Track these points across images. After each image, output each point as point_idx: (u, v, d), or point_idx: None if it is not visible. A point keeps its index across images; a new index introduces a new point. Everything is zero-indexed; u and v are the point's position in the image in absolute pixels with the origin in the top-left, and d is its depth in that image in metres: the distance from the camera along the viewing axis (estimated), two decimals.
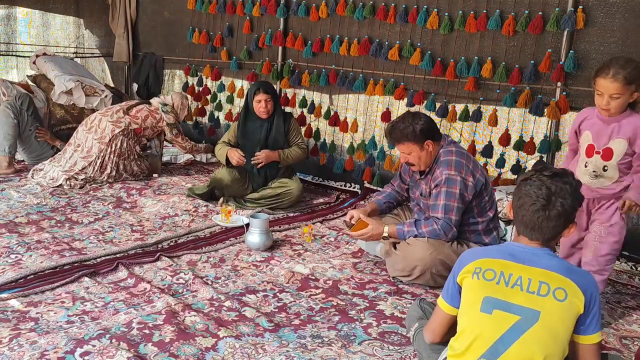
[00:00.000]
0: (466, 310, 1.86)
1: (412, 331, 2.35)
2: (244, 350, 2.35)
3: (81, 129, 4.73)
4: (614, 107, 2.56)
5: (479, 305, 1.80)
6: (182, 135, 5.02)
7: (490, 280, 1.80)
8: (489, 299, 1.78)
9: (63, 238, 3.47)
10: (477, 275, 1.83)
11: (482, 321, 1.78)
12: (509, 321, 1.75)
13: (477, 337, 1.78)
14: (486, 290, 1.80)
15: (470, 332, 1.80)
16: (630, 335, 2.73)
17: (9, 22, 6.54)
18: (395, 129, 3.07)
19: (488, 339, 1.76)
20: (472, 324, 1.81)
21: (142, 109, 4.86)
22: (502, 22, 3.99)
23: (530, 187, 1.84)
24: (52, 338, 2.33)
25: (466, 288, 1.87)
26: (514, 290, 1.76)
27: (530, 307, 1.74)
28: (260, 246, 3.47)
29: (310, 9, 4.99)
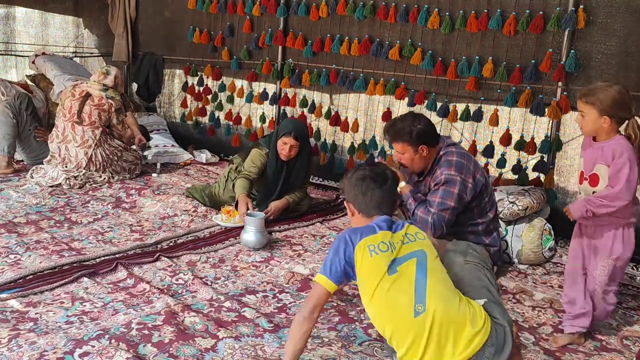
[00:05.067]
0: (377, 294, 2.05)
1: None
2: (244, 351, 2.33)
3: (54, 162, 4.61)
4: (582, 126, 2.54)
5: (386, 277, 2.05)
6: (123, 122, 4.78)
7: (385, 251, 2.07)
8: (390, 265, 2.05)
9: (62, 238, 3.46)
10: (374, 252, 2.07)
11: (397, 283, 2.04)
12: (412, 266, 2.07)
13: (397, 327, 2.03)
14: (386, 260, 2.05)
15: (391, 322, 2.04)
16: (631, 336, 2.72)
17: (8, 21, 6.52)
18: (393, 127, 3.07)
19: (409, 288, 2.03)
20: (388, 313, 2.05)
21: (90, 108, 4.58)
22: (503, 22, 3.98)
23: (362, 177, 2.23)
24: (51, 338, 2.32)
25: (369, 264, 2.06)
26: (400, 248, 2.09)
27: (416, 249, 2.10)
28: (255, 244, 3.47)
29: (310, 9, 4.97)
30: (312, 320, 2.11)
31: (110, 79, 4.81)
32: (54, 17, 6.79)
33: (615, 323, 2.84)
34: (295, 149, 3.94)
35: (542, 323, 2.79)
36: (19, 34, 6.61)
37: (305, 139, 4.03)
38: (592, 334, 2.71)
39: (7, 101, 4.82)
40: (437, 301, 2.00)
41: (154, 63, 6.50)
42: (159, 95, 6.64)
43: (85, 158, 4.56)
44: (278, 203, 3.99)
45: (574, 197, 3.99)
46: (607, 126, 2.46)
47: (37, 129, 4.93)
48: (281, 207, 3.99)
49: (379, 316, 2.09)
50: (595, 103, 2.45)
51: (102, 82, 4.75)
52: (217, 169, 5.38)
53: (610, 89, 2.45)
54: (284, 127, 3.98)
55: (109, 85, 4.78)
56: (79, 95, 4.66)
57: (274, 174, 4.02)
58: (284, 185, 4.05)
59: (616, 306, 2.98)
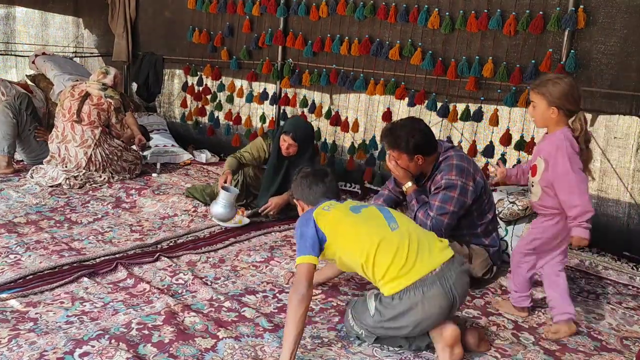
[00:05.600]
0: (350, 229, 2.36)
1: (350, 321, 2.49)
2: (244, 351, 2.33)
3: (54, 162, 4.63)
4: (533, 116, 2.65)
5: (352, 215, 2.40)
6: (122, 121, 4.78)
7: (341, 203, 2.47)
8: (351, 208, 2.43)
9: (62, 238, 3.46)
10: (331, 207, 2.43)
11: (365, 216, 2.41)
12: (374, 208, 2.47)
13: (381, 239, 2.30)
14: (345, 207, 2.45)
15: (371, 240, 2.31)
16: (631, 336, 2.72)
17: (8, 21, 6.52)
18: (391, 134, 3.03)
19: (378, 217, 2.38)
20: (366, 235, 2.33)
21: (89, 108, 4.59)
22: (503, 22, 3.98)
23: (305, 176, 2.63)
24: (51, 338, 2.32)
25: (332, 217, 2.38)
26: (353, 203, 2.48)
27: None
28: (221, 216, 3.65)
29: (310, 9, 4.97)
30: (309, 297, 2.24)
31: (109, 78, 4.80)
32: (54, 17, 6.79)
33: (615, 323, 2.84)
34: (294, 148, 3.97)
35: (542, 323, 2.79)
36: (19, 34, 6.61)
37: (305, 141, 4.03)
38: (591, 334, 2.71)
39: (7, 101, 4.82)
40: (407, 223, 2.42)
41: (154, 63, 6.50)
42: (159, 95, 6.64)
43: (85, 158, 4.56)
44: (278, 199, 4.01)
45: None
46: (554, 117, 2.55)
47: (37, 129, 4.93)
48: (281, 203, 4.01)
49: (358, 245, 2.33)
50: (545, 94, 2.54)
51: (101, 81, 4.75)
52: (217, 169, 5.38)
53: (560, 82, 2.54)
54: (287, 124, 4.10)
55: (108, 84, 4.78)
56: (78, 95, 4.66)
57: (273, 167, 4.07)
58: (284, 182, 4.07)
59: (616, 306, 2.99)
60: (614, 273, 3.46)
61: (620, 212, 3.81)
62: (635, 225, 3.75)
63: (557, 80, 2.55)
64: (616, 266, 3.56)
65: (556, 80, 2.55)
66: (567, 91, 2.52)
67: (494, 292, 3.11)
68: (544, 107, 2.56)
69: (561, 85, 2.52)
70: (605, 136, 3.81)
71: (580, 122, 2.55)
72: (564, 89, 2.52)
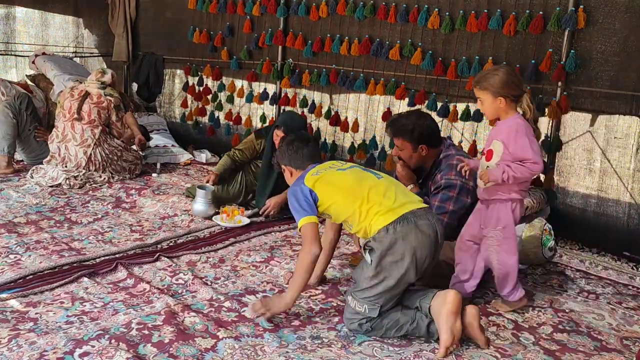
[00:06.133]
0: (342, 183, 2.58)
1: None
2: (244, 351, 2.33)
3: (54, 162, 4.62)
4: (484, 111, 2.74)
5: (341, 172, 2.63)
6: (122, 119, 4.81)
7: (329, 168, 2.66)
8: (337, 169, 2.65)
9: (62, 238, 3.46)
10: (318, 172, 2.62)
11: (352, 171, 2.64)
12: (359, 167, 2.69)
13: (371, 185, 2.53)
14: (333, 168, 2.65)
15: (361, 186, 2.53)
16: (631, 336, 2.72)
17: (8, 21, 6.52)
18: (397, 122, 3.11)
19: (364, 171, 2.63)
20: (357, 184, 2.55)
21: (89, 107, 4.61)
22: (503, 22, 3.98)
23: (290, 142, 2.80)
24: (51, 338, 2.32)
25: (322, 178, 2.58)
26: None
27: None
28: (203, 214, 3.94)
29: (310, 9, 4.97)
30: (319, 247, 2.49)
31: (107, 77, 4.83)
32: (54, 17, 6.78)
33: (615, 323, 2.84)
34: None
35: (542, 323, 2.79)
36: (19, 34, 6.61)
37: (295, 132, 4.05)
38: (591, 334, 2.71)
39: (7, 101, 4.82)
40: (389, 177, 2.69)
41: (154, 63, 6.50)
42: (159, 95, 6.64)
43: (84, 157, 4.56)
44: (276, 198, 4.03)
45: (574, 197, 3.99)
46: (503, 106, 2.64)
47: (37, 129, 4.93)
48: (280, 202, 4.01)
49: (351, 192, 2.52)
50: (488, 87, 2.63)
51: (100, 80, 4.76)
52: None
53: (498, 72, 2.64)
54: (279, 119, 4.15)
55: (107, 82, 4.79)
56: (77, 95, 4.67)
57: (268, 164, 4.08)
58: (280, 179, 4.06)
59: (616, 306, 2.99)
60: (614, 273, 3.46)
61: (620, 212, 3.81)
62: (635, 225, 3.75)
63: (495, 71, 2.66)
64: (616, 266, 3.56)
65: (494, 72, 2.66)
66: (507, 79, 2.62)
67: (494, 292, 3.11)
68: (491, 100, 2.65)
69: (500, 75, 2.62)
70: (605, 136, 3.81)
71: (527, 104, 2.64)
72: (504, 78, 2.61)
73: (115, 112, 4.69)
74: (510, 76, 2.63)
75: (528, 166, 2.59)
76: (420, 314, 2.48)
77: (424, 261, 2.45)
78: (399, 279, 2.43)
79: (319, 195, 2.55)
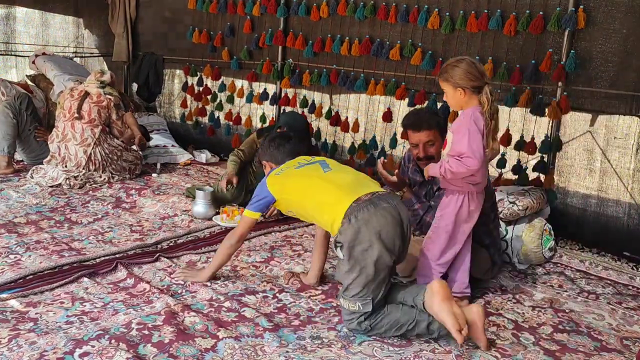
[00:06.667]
0: (299, 180, 2.72)
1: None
2: (244, 351, 2.33)
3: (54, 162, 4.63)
4: (448, 101, 2.77)
5: (298, 170, 2.75)
6: (123, 118, 4.81)
7: (288, 168, 2.80)
8: (296, 167, 2.77)
9: (62, 238, 3.46)
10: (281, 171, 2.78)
11: (312, 175, 2.70)
12: (316, 164, 2.77)
13: (326, 181, 2.63)
14: (293, 165, 2.79)
15: (316, 184, 2.65)
16: (631, 337, 2.72)
17: (8, 21, 6.52)
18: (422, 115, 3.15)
19: (325, 174, 2.68)
20: (312, 183, 2.66)
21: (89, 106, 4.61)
22: (503, 22, 3.98)
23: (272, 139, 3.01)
24: (51, 338, 2.32)
25: (281, 180, 2.74)
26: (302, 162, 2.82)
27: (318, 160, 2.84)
28: (203, 215, 3.96)
29: (310, 9, 4.97)
30: (240, 244, 2.89)
31: (107, 76, 4.84)
32: (54, 17, 6.79)
33: (615, 323, 2.84)
34: None
35: (542, 323, 2.79)
36: (19, 34, 6.61)
37: (301, 132, 4.08)
38: (591, 334, 2.71)
39: (7, 101, 4.82)
40: (346, 168, 2.84)
41: (154, 63, 6.50)
42: (159, 95, 6.64)
43: (84, 157, 4.56)
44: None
45: (574, 197, 3.99)
46: (464, 97, 2.66)
47: (37, 129, 4.94)
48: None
49: (309, 190, 2.65)
50: (449, 79, 2.67)
51: (99, 80, 4.77)
52: (217, 169, 5.38)
53: (459, 64, 2.66)
54: (281, 119, 4.18)
55: (107, 82, 4.80)
56: (77, 95, 4.68)
57: None
58: None
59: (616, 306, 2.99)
60: (614, 273, 3.46)
61: (620, 212, 3.81)
62: (635, 225, 3.75)
63: (456, 63, 2.67)
64: (616, 266, 3.56)
65: (455, 63, 2.67)
66: (467, 70, 2.63)
67: (494, 292, 3.11)
68: (452, 91, 2.68)
69: (460, 67, 2.64)
70: (605, 136, 3.81)
71: (486, 96, 2.64)
72: (463, 69, 2.63)
73: (115, 110, 4.70)
74: (470, 68, 2.63)
75: (463, 161, 2.58)
76: (419, 313, 2.47)
77: (393, 242, 2.46)
78: (376, 266, 2.43)
79: (275, 196, 2.72)
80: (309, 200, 2.66)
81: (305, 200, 2.68)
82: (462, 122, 2.66)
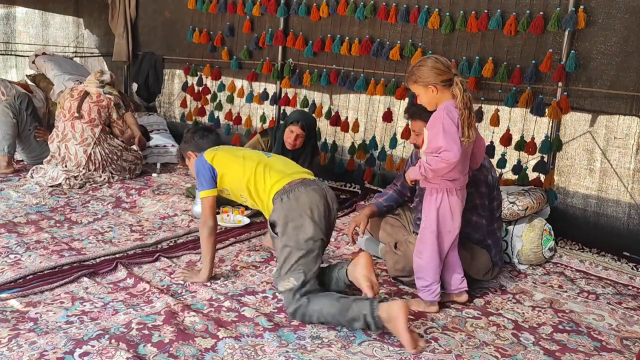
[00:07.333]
0: (234, 159, 2.84)
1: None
2: (244, 351, 2.33)
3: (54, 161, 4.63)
4: (422, 102, 2.73)
5: (235, 150, 2.95)
6: (123, 117, 4.81)
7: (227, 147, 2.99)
8: (233, 149, 3.00)
9: (62, 238, 3.46)
10: (216, 149, 2.91)
11: (248, 157, 2.84)
12: (255, 151, 3.00)
13: (260, 161, 2.78)
14: (229, 147, 3.01)
15: (252, 162, 2.79)
16: (631, 337, 2.72)
17: (8, 21, 6.53)
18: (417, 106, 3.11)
19: (261, 156, 2.86)
20: (249, 160, 2.80)
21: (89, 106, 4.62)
22: (504, 22, 3.98)
23: (194, 131, 3.14)
24: (51, 338, 2.32)
25: (220, 155, 2.85)
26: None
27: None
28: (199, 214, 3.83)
29: (310, 9, 4.97)
30: (216, 226, 2.88)
31: (106, 76, 4.85)
32: (54, 17, 6.79)
33: (615, 323, 2.84)
34: (301, 139, 4.02)
35: (542, 323, 2.79)
36: (20, 34, 6.62)
37: (311, 131, 4.10)
38: (591, 334, 2.71)
39: (7, 101, 4.82)
40: (278, 155, 3.03)
41: (154, 63, 6.50)
42: (159, 95, 6.64)
43: (84, 156, 4.56)
44: None
45: (574, 197, 3.99)
46: (436, 94, 2.64)
47: (37, 129, 4.93)
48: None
49: (242, 168, 2.76)
50: (417, 80, 2.66)
51: (99, 79, 4.77)
52: None
53: (423, 62, 2.66)
54: (293, 116, 4.12)
55: (107, 81, 4.80)
56: (77, 95, 4.68)
57: None
58: None
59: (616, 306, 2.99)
60: (613, 273, 3.46)
61: (620, 212, 3.81)
62: (635, 225, 3.75)
63: (421, 63, 2.67)
64: (616, 266, 3.56)
65: (420, 64, 2.67)
66: (433, 66, 2.62)
67: (494, 292, 3.11)
68: (423, 91, 2.66)
69: (426, 65, 2.63)
70: (605, 136, 3.81)
71: (457, 87, 2.61)
72: (429, 66, 2.62)
73: (115, 109, 4.71)
74: (435, 63, 2.62)
75: (441, 156, 2.55)
76: (353, 301, 2.52)
77: (322, 220, 2.64)
78: (307, 241, 2.59)
79: (217, 167, 2.82)
80: (246, 177, 2.76)
81: (243, 176, 2.77)
82: (435, 118, 2.64)
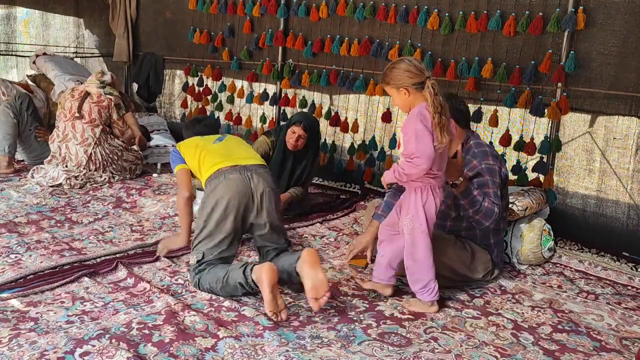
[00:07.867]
0: (192, 143, 3.12)
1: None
2: (244, 350, 2.34)
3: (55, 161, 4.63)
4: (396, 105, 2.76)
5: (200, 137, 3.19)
6: (124, 117, 4.82)
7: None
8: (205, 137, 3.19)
9: (63, 238, 3.47)
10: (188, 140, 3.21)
11: (206, 139, 3.14)
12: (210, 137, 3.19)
13: (208, 146, 3.04)
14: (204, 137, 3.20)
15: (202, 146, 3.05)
16: (630, 337, 2.72)
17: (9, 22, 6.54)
18: None
19: (210, 143, 3.10)
20: (201, 145, 3.06)
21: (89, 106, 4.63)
22: (503, 23, 3.99)
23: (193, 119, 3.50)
24: (52, 338, 2.33)
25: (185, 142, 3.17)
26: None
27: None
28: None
29: (310, 9, 4.98)
30: (190, 197, 3.08)
31: (107, 76, 4.86)
32: (55, 17, 6.80)
33: (615, 323, 2.84)
34: (303, 140, 4.01)
35: (542, 323, 2.80)
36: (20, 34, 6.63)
37: (313, 133, 4.10)
38: (591, 334, 2.72)
39: (8, 101, 4.83)
40: (233, 139, 3.21)
41: (155, 63, 6.51)
42: (160, 95, 6.65)
43: (85, 156, 4.57)
44: (282, 196, 4.03)
45: (573, 197, 4.00)
46: (409, 97, 2.64)
47: (37, 129, 4.94)
48: (285, 200, 4.03)
49: (194, 151, 3.02)
50: (390, 82, 2.66)
51: (100, 80, 4.78)
52: None
53: (395, 65, 2.66)
54: (296, 117, 4.12)
55: (107, 82, 4.81)
56: (78, 95, 4.69)
57: (278, 163, 4.08)
58: (288, 177, 4.11)
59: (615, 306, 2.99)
60: (613, 273, 3.47)
61: (619, 212, 3.81)
62: (634, 225, 3.75)
63: (394, 65, 2.67)
64: (615, 266, 3.57)
65: (393, 65, 2.67)
66: (405, 69, 2.61)
67: (494, 292, 3.12)
68: (396, 93, 2.66)
69: (398, 68, 2.63)
70: (604, 137, 3.82)
71: (429, 91, 2.59)
72: (402, 69, 2.62)
73: (116, 110, 4.71)
74: (408, 66, 2.61)
75: (413, 162, 2.55)
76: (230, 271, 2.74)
77: (240, 211, 2.82)
78: (216, 227, 2.81)
79: (182, 153, 3.11)
80: (196, 159, 3.02)
81: (193, 158, 3.04)
82: (408, 122, 2.62)
